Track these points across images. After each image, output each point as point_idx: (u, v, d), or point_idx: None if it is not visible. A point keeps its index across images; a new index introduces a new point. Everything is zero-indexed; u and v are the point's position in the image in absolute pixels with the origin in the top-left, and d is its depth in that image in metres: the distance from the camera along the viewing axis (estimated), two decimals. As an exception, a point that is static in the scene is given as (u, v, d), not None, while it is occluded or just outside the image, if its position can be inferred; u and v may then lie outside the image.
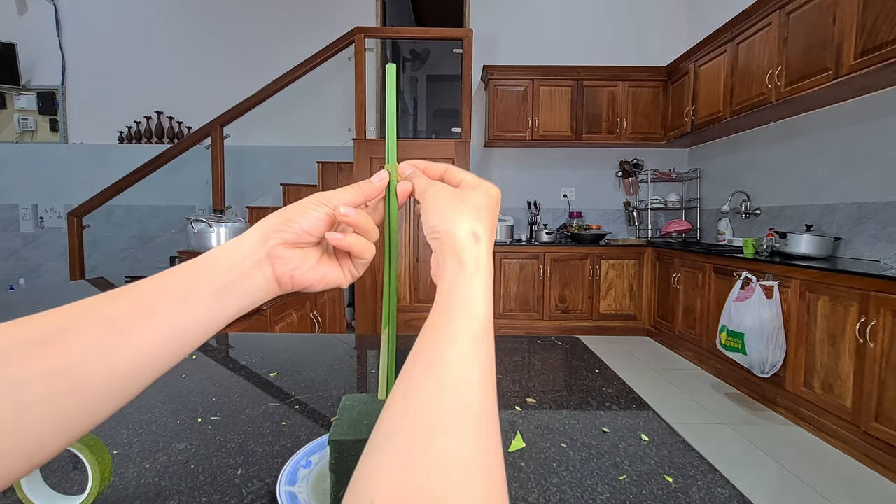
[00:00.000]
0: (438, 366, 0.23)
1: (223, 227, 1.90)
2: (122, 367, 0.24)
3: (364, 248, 0.33)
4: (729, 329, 2.43)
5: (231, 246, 0.30)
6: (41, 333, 0.23)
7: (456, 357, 0.24)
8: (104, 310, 0.25)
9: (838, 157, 2.64)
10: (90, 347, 0.23)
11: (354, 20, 3.89)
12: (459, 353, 0.24)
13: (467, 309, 0.26)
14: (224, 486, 0.44)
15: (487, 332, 0.26)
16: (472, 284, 0.27)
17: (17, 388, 0.21)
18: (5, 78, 4.14)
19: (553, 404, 0.64)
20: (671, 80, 3.90)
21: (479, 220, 0.30)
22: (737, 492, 0.43)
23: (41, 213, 4.34)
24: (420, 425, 0.21)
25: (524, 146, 4.25)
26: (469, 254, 0.29)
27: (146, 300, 0.26)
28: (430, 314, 0.27)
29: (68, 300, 0.25)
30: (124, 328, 0.25)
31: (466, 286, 0.27)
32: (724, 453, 1.97)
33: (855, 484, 1.75)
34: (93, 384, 0.23)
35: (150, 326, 0.25)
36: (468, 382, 0.23)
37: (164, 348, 0.26)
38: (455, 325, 0.25)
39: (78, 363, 0.23)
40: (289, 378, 0.73)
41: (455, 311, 0.26)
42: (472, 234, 0.29)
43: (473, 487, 0.19)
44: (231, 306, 0.29)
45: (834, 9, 2.27)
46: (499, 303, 3.83)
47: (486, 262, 0.29)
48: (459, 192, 0.32)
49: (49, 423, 0.22)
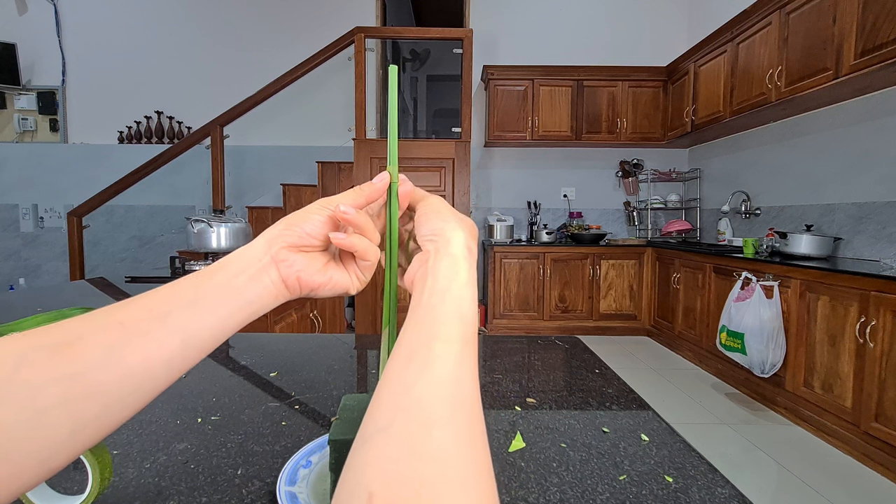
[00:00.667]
0: (436, 363, 0.24)
1: (223, 227, 1.90)
2: (135, 371, 0.25)
3: (367, 249, 0.34)
4: (729, 329, 2.43)
5: (239, 252, 0.31)
6: (56, 339, 0.23)
7: (452, 356, 0.25)
8: (117, 315, 0.25)
9: (838, 157, 2.64)
10: (104, 350, 0.24)
11: (354, 20, 3.89)
12: (455, 353, 0.25)
13: (460, 313, 0.28)
14: (224, 486, 0.44)
15: (474, 337, 0.27)
16: (464, 292, 0.29)
17: (32, 393, 0.21)
18: (5, 78, 4.14)
19: (553, 404, 0.64)
20: (671, 80, 3.90)
21: (473, 239, 0.33)
22: (737, 492, 0.43)
23: (41, 213, 4.34)
24: (419, 417, 0.22)
25: (524, 146, 4.25)
26: (464, 263, 0.30)
27: (157, 306, 0.27)
28: (418, 311, 0.28)
29: (68, 300, 0.26)
30: (137, 332, 0.25)
31: (459, 292, 0.29)
32: (724, 453, 1.97)
33: (855, 484, 1.75)
34: (107, 389, 0.24)
35: (162, 331, 0.26)
36: (463, 380, 0.24)
37: (176, 353, 0.26)
38: (450, 327, 0.27)
39: (92, 366, 0.23)
40: (289, 378, 0.73)
41: (450, 314, 0.27)
42: (467, 247, 0.32)
43: (469, 479, 0.20)
44: (240, 311, 0.30)
45: (834, 9, 2.27)
46: (499, 303, 3.83)
47: (474, 276, 0.31)
48: (456, 211, 0.34)
49: (64, 428, 0.22)
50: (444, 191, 3.34)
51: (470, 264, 0.31)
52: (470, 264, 0.31)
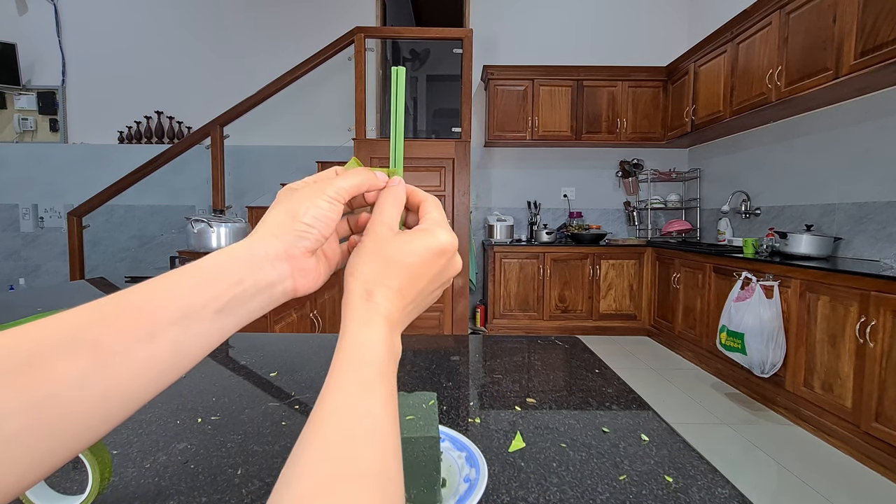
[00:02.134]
0: (325, 420, 0.22)
1: (223, 227, 1.90)
2: (117, 392, 0.21)
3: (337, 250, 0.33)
4: (729, 329, 2.43)
5: (243, 255, 0.27)
6: (17, 361, 0.19)
7: (342, 409, 0.22)
8: (89, 333, 0.21)
9: (838, 157, 2.64)
10: (76, 379, 0.20)
11: (354, 20, 3.89)
12: (347, 405, 0.23)
13: (354, 357, 0.25)
14: (224, 486, 0.44)
15: (380, 378, 0.24)
16: (357, 334, 0.26)
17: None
18: (5, 78, 4.14)
19: (553, 404, 0.64)
20: (671, 80, 3.90)
21: (388, 275, 0.29)
22: (737, 492, 0.43)
23: (41, 213, 4.34)
24: (305, 489, 0.20)
25: (524, 146, 4.24)
26: (356, 307, 0.27)
27: (143, 320, 0.22)
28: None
29: (68, 300, 0.25)
30: (115, 353, 0.22)
31: (353, 332, 0.26)
32: (724, 453, 1.97)
33: (855, 484, 1.75)
34: (83, 412, 0.20)
35: (148, 349, 0.22)
36: (355, 436, 0.22)
37: (167, 366, 0.23)
38: (342, 375, 0.24)
39: (63, 391, 0.20)
40: (289, 378, 0.73)
41: (340, 362, 0.25)
42: (364, 291, 0.28)
43: None
44: (239, 319, 0.26)
45: (834, 9, 2.27)
46: (499, 303, 3.83)
47: (383, 313, 0.27)
48: (390, 242, 0.30)
49: (34, 452, 0.19)
50: (444, 191, 3.34)
51: (369, 308, 0.27)
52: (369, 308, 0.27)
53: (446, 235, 0.31)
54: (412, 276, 0.29)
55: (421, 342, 0.93)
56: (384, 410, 0.23)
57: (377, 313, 0.27)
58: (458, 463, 0.46)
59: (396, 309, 0.28)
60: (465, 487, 0.42)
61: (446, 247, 0.31)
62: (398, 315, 0.28)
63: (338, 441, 0.21)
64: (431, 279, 0.31)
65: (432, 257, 0.30)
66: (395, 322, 0.28)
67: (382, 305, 0.28)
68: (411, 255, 0.29)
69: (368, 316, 0.27)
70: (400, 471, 0.23)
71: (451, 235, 0.31)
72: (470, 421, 0.58)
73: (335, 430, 0.22)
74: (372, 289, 0.28)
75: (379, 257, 0.29)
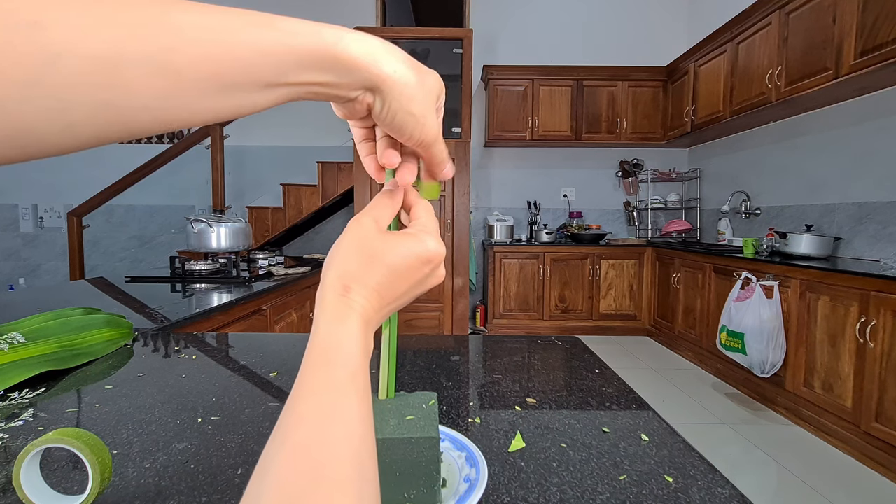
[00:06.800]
0: (298, 426, 0.21)
1: (223, 227, 1.90)
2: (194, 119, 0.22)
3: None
4: (729, 329, 2.43)
5: None
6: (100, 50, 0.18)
7: (315, 413, 0.22)
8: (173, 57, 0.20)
9: (838, 157, 2.64)
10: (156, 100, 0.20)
11: (354, 20, 3.89)
12: (320, 409, 0.22)
13: (326, 356, 0.24)
14: (224, 486, 0.44)
15: (353, 379, 0.23)
16: (330, 330, 0.25)
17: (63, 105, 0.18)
18: (5, 78, 4.14)
19: (553, 404, 0.64)
20: (671, 80, 3.90)
21: (369, 273, 0.27)
22: (737, 492, 0.43)
23: (41, 213, 4.34)
24: (278, 495, 0.19)
25: (524, 146, 4.25)
26: (331, 302, 0.26)
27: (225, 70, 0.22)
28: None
29: (68, 300, 0.25)
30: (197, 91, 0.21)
31: (326, 329, 0.25)
32: (724, 453, 1.97)
33: (855, 484, 1.75)
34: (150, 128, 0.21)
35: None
36: (327, 441, 0.21)
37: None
38: (314, 376, 0.23)
39: (138, 108, 0.20)
40: (289, 378, 0.73)
41: (312, 361, 0.24)
42: (341, 286, 0.27)
43: None
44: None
45: (834, 9, 2.27)
46: (499, 303, 3.83)
47: (359, 311, 0.26)
48: (376, 238, 0.29)
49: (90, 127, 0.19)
50: (444, 191, 3.34)
51: (343, 303, 0.26)
52: (343, 303, 0.26)
53: (434, 244, 0.30)
54: (394, 278, 0.28)
55: (421, 342, 0.93)
56: (358, 412, 0.23)
57: (353, 310, 0.26)
58: (458, 463, 0.46)
59: (373, 308, 0.27)
60: (465, 487, 0.42)
61: (433, 256, 0.30)
62: (373, 314, 0.27)
63: (311, 448, 0.20)
64: (413, 285, 0.30)
65: (418, 264, 0.29)
66: (369, 321, 0.27)
67: (358, 303, 0.27)
68: (397, 256, 0.28)
69: (343, 312, 0.26)
70: (375, 470, 0.22)
71: (439, 244, 0.30)
72: (470, 421, 0.58)
73: (308, 435, 0.21)
74: (350, 284, 0.27)
75: (362, 253, 0.28)
